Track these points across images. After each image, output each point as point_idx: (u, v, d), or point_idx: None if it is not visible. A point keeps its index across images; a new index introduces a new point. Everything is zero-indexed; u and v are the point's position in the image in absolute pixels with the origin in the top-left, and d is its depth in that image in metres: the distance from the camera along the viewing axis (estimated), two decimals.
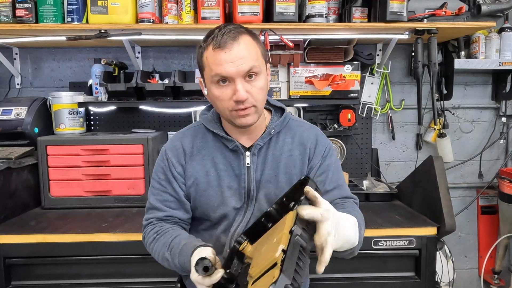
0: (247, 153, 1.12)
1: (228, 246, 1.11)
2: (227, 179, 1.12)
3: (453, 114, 2.34)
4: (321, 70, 2.07)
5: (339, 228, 0.88)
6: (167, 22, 1.86)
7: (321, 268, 0.83)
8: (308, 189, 0.87)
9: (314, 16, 1.85)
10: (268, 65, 1.13)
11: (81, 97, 2.01)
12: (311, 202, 0.88)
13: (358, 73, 2.09)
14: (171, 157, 1.15)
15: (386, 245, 1.54)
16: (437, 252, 1.60)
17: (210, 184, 1.12)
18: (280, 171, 1.12)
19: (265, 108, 1.17)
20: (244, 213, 1.13)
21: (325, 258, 0.83)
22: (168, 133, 2.23)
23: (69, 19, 1.84)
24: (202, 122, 1.18)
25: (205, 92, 1.12)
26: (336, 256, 0.93)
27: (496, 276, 2.30)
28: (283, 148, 1.14)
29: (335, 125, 2.23)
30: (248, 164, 1.12)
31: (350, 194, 1.17)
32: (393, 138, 2.35)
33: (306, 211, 0.84)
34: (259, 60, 1.04)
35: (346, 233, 0.90)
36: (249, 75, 1.01)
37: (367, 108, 2.29)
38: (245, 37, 1.03)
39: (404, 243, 1.55)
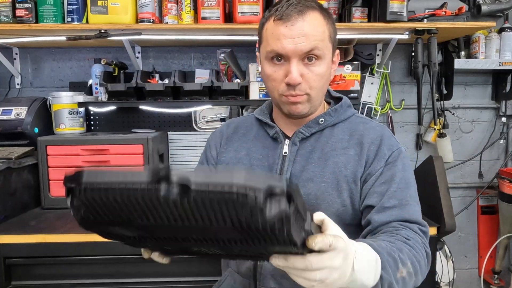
0: (287, 141, 0.97)
1: None
2: (259, 169, 0.98)
3: (453, 114, 2.34)
4: None
5: (347, 262, 0.62)
6: (167, 22, 1.86)
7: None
8: (318, 214, 0.63)
9: None
10: (338, 52, 0.97)
11: (81, 97, 2.01)
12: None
13: (358, 73, 2.09)
14: (211, 140, 1.10)
15: None
16: (437, 252, 1.60)
17: None
18: (327, 170, 0.92)
19: (326, 101, 1.03)
20: None
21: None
22: (168, 133, 2.23)
23: (69, 19, 1.84)
24: (254, 113, 1.08)
25: (259, 68, 0.99)
26: None
27: (496, 276, 2.30)
28: (336, 145, 0.95)
29: None
30: (285, 152, 0.96)
31: (416, 218, 0.88)
32: None
33: (317, 242, 0.57)
34: (325, 43, 0.88)
35: (356, 272, 0.64)
36: (308, 57, 0.87)
37: (367, 108, 2.29)
38: (314, 13, 0.87)
39: None
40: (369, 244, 0.72)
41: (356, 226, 0.94)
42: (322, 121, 0.97)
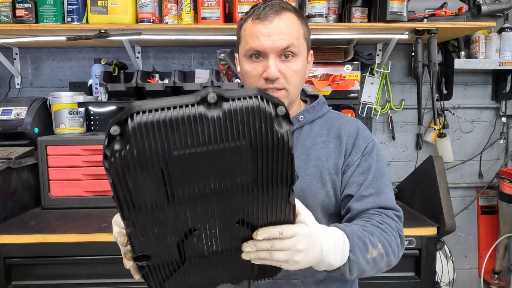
0: None
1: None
2: None
3: (453, 114, 2.34)
4: (321, 70, 2.07)
5: (314, 245, 0.71)
6: (167, 22, 1.86)
7: (246, 251, 0.67)
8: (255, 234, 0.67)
9: (314, 16, 1.84)
10: (311, 52, 1.02)
11: (81, 97, 2.01)
12: None
13: (358, 73, 2.09)
14: None
15: None
16: (437, 252, 1.60)
17: None
18: (310, 163, 0.97)
19: (302, 99, 1.09)
20: None
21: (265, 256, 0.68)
22: None
23: (69, 19, 1.84)
24: None
25: (238, 69, 1.03)
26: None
27: (496, 276, 2.30)
28: (317, 139, 1.00)
29: None
30: None
31: (391, 205, 0.95)
32: (393, 138, 2.35)
33: (260, 233, 0.66)
34: (300, 41, 0.94)
35: (323, 253, 0.73)
36: (285, 54, 0.92)
37: (367, 108, 2.29)
38: (290, 13, 0.93)
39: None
40: (341, 229, 0.80)
41: (339, 215, 1.01)
42: (302, 118, 1.02)
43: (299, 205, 0.71)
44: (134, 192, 0.56)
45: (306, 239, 0.70)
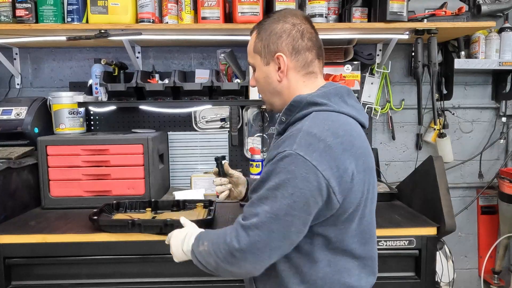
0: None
1: None
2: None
3: (453, 114, 2.34)
4: None
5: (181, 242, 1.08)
6: (167, 22, 1.86)
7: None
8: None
9: (314, 16, 1.84)
10: (278, 55, 1.03)
11: (81, 97, 2.01)
12: None
13: (358, 73, 2.09)
14: None
15: (386, 245, 1.54)
16: (437, 252, 1.60)
17: None
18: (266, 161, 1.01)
19: None
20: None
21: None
22: (168, 133, 2.23)
23: (69, 19, 1.84)
24: None
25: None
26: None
27: (496, 276, 2.30)
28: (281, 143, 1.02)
29: None
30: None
31: (245, 212, 0.95)
32: (393, 138, 2.35)
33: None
34: (251, 55, 1.11)
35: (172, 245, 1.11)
36: (252, 67, 1.12)
37: (367, 108, 2.29)
38: (253, 33, 1.10)
39: (404, 243, 1.55)
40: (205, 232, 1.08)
41: None
42: (283, 119, 1.05)
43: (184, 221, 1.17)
44: None
45: (175, 234, 1.13)
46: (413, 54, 2.07)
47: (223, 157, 1.34)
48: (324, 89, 1.02)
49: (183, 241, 1.09)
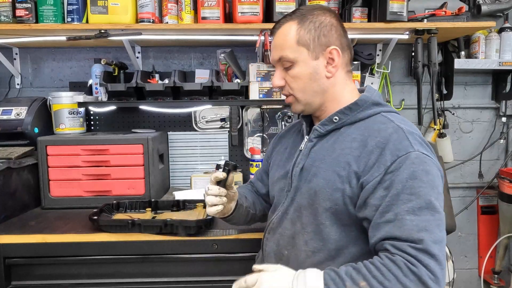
0: (306, 137, 1.06)
1: (265, 230, 1.13)
2: (288, 162, 1.10)
3: (453, 114, 2.34)
4: None
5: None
6: (167, 22, 1.86)
7: None
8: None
9: None
10: (330, 49, 0.98)
11: (81, 97, 2.01)
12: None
13: (358, 73, 2.09)
14: (272, 141, 1.30)
15: None
16: None
17: (276, 163, 1.16)
18: (330, 167, 0.94)
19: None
20: (283, 203, 1.06)
21: None
22: (168, 133, 2.23)
23: (69, 19, 1.84)
24: None
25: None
26: None
27: (496, 276, 2.30)
28: (346, 144, 0.95)
29: None
30: (301, 148, 1.05)
31: (408, 236, 0.79)
32: None
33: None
34: (292, 48, 0.98)
35: None
36: (283, 63, 1.01)
37: None
38: (288, 24, 1.00)
39: None
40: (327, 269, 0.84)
41: (358, 230, 0.93)
42: (336, 119, 0.99)
43: (252, 276, 0.86)
44: None
45: (268, 280, 0.83)
46: (413, 54, 2.07)
47: (235, 166, 1.12)
48: (372, 91, 1.03)
49: (293, 281, 0.82)
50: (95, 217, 1.52)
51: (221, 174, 1.08)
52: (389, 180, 0.84)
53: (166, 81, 2.09)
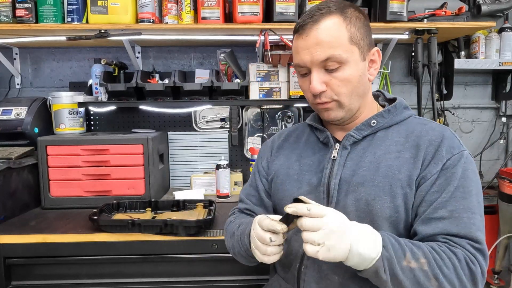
0: (337, 145, 0.96)
1: (299, 257, 0.95)
2: (308, 174, 0.97)
3: (453, 114, 2.34)
4: None
5: (345, 228, 0.74)
6: (167, 22, 1.86)
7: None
8: (301, 197, 0.78)
9: None
10: (375, 50, 0.94)
11: (81, 97, 2.01)
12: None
13: None
14: (262, 151, 1.15)
15: None
16: None
17: (290, 178, 1.00)
18: (379, 174, 0.88)
19: (380, 103, 1.03)
20: None
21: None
22: (168, 133, 2.23)
23: (69, 19, 1.84)
24: (307, 119, 1.09)
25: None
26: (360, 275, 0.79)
27: (496, 276, 2.30)
28: (391, 148, 0.91)
29: None
30: (334, 157, 0.94)
31: (466, 233, 0.80)
32: None
33: (291, 209, 0.77)
34: (344, 47, 0.87)
35: (352, 241, 0.74)
36: (328, 64, 0.87)
37: None
38: (331, 18, 0.87)
39: None
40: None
41: (411, 237, 0.89)
42: (374, 123, 0.94)
43: (315, 203, 0.77)
44: None
45: (338, 220, 0.75)
46: (413, 54, 2.07)
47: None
48: (391, 95, 1.04)
49: (371, 235, 0.76)
50: (95, 217, 1.52)
51: (279, 227, 0.81)
52: (444, 177, 0.84)
53: (166, 81, 2.09)
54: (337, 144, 0.96)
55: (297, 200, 0.79)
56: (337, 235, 0.73)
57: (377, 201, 0.86)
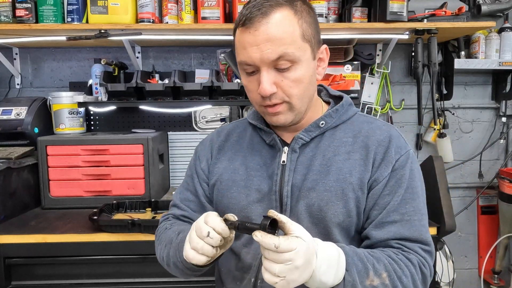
0: (285, 148, 0.89)
1: (255, 270, 0.87)
2: (257, 180, 0.89)
3: (453, 114, 2.34)
4: None
5: (310, 263, 0.67)
6: (167, 22, 1.86)
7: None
8: (272, 212, 0.68)
9: None
10: (324, 48, 0.88)
11: (81, 97, 2.01)
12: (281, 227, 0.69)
13: (358, 73, 2.09)
14: (200, 151, 1.01)
15: None
16: (437, 252, 1.60)
17: (236, 184, 0.91)
18: (330, 177, 0.84)
19: (324, 100, 0.96)
20: None
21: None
22: (168, 133, 2.23)
23: (69, 19, 1.84)
24: (247, 117, 0.99)
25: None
26: None
27: (496, 276, 2.30)
28: (339, 149, 0.87)
29: None
30: (283, 161, 0.88)
31: (417, 236, 0.81)
32: None
33: (259, 237, 0.66)
34: (296, 44, 0.78)
35: (315, 270, 0.68)
36: (280, 63, 0.78)
37: (367, 108, 2.29)
38: (281, 11, 0.77)
39: None
40: (340, 246, 0.74)
41: (359, 242, 0.88)
42: (323, 124, 0.89)
43: (289, 221, 0.68)
44: None
45: (305, 255, 0.66)
46: (413, 54, 2.07)
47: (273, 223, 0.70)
48: (334, 91, 0.99)
49: (336, 262, 0.71)
50: (95, 217, 1.52)
51: (226, 231, 0.75)
52: (394, 179, 0.84)
53: (166, 81, 2.09)
54: (286, 147, 0.89)
55: (267, 217, 0.68)
56: (300, 271, 0.66)
57: (330, 206, 0.83)
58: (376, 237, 0.82)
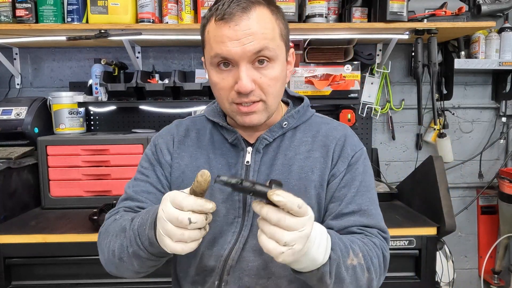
0: (249, 149, 0.89)
1: (218, 273, 0.85)
2: None
3: (453, 114, 2.34)
4: (321, 70, 2.07)
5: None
6: (167, 22, 1.86)
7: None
8: (272, 192, 0.61)
9: (314, 16, 1.85)
10: (292, 51, 0.90)
11: (81, 97, 2.01)
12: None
13: (358, 73, 2.09)
14: (161, 143, 0.96)
15: None
16: (437, 252, 1.60)
17: None
18: (293, 176, 0.87)
19: (282, 100, 0.96)
20: (240, 230, 0.86)
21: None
22: None
23: (69, 19, 1.84)
24: (204, 113, 0.98)
25: (206, 75, 0.99)
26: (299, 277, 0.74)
27: (496, 276, 2.30)
28: (300, 148, 0.90)
29: None
30: (247, 162, 0.88)
31: (376, 223, 0.86)
32: (393, 138, 2.35)
33: (277, 193, 0.60)
34: (276, 42, 0.79)
35: (309, 243, 0.65)
36: (259, 59, 0.78)
37: (367, 108, 2.29)
38: (261, 8, 0.78)
39: (404, 243, 1.55)
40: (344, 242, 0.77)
41: None
42: (285, 124, 0.90)
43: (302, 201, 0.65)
44: None
45: (312, 223, 0.65)
46: (413, 54, 2.07)
47: (280, 183, 0.65)
48: (293, 92, 1.03)
49: (325, 240, 0.70)
50: (95, 217, 1.52)
51: (210, 205, 0.66)
52: (350, 173, 0.88)
53: (166, 81, 2.09)
54: (249, 147, 0.89)
55: (273, 182, 0.63)
56: (307, 241, 0.64)
57: None
58: (337, 226, 0.85)
